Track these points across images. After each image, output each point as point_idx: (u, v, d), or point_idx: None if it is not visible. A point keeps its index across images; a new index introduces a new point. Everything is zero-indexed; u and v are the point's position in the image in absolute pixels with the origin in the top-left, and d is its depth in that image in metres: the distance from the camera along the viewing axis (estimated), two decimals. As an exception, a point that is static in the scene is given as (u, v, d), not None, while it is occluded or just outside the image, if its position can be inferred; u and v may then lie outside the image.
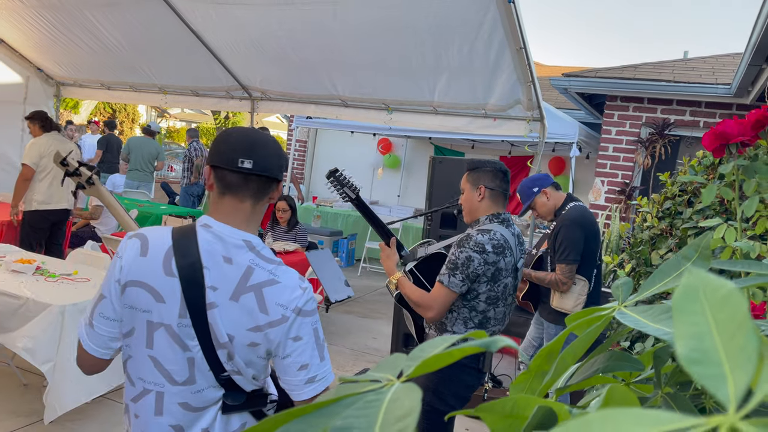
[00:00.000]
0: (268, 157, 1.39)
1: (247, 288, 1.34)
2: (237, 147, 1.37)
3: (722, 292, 0.25)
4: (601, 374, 0.72)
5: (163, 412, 1.39)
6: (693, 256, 0.71)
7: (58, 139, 5.25)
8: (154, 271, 1.35)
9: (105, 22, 5.42)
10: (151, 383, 1.39)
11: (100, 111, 19.17)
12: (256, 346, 1.36)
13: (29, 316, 3.24)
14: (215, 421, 1.40)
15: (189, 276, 1.33)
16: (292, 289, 1.38)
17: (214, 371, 1.37)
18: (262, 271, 1.37)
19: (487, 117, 4.99)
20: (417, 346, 1.77)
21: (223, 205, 1.40)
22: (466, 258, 2.27)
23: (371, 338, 5.46)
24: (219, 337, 1.34)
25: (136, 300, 1.36)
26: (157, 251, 1.37)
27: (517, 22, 3.87)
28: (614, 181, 6.40)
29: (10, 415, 3.34)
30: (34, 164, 5.06)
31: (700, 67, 6.47)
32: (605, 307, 0.73)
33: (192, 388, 1.38)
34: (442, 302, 2.31)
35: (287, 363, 1.38)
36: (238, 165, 1.36)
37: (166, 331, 1.35)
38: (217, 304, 1.33)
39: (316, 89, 5.58)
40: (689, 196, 2.35)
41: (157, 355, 1.37)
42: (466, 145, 9.25)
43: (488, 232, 2.32)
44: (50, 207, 5.20)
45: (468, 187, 2.45)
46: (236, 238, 1.38)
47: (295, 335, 1.37)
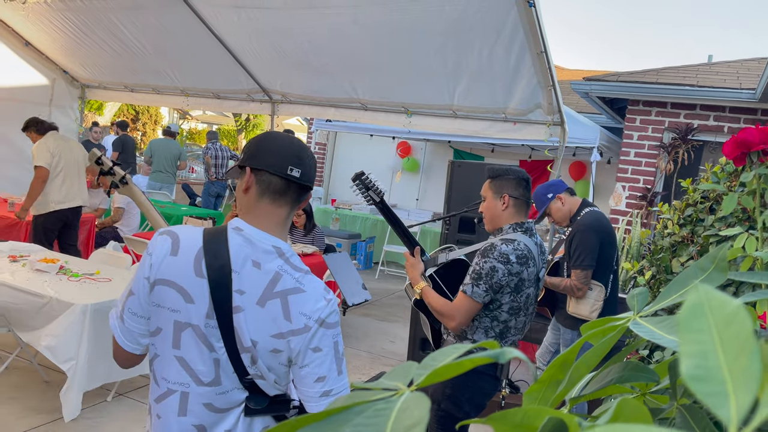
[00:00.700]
0: (312, 167, 1.42)
1: (273, 294, 1.34)
2: (287, 154, 1.38)
3: (728, 310, 0.25)
4: (616, 384, 0.72)
5: (187, 412, 1.39)
6: (709, 267, 0.70)
7: (60, 137, 5.26)
8: (185, 272, 1.35)
9: (129, 25, 5.51)
10: (175, 383, 1.39)
11: (123, 112, 19.45)
12: (278, 353, 1.36)
13: (53, 314, 3.30)
14: (238, 423, 1.40)
15: (218, 278, 1.33)
16: (317, 299, 1.37)
17: (238, 373, 1.37)
18: (290, 278, 1.36)
19: (507, 121, 4.97)
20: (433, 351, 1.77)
21: (260, 209, 1.39)
22: (490, 268, 2.25)
23: (389, 341, 5.46)
24: (243, 341, 1.34)
25: (164, 299, 1.36)
26: (188, 251, 1.37)
27: (537, 25, 3.85)
28: (635, 186, 6.33)
29: (32, 412, 3.40)
30: (48, 164, 5.07)
31: (724, 71, 6.38)
32: (620, 317, 0.73)
33: (217, 389, 1.38)
34: (465, 312, 2.30)
35: (305, 373, 1.38)
36: (287, 172, 1.37)
37: (193, 332, 1.35)
38: (243, 308, 1.33)
39: (336, 92, 5.61)
40: (711, 203, 2.32)
41: (184, 356, 1.37)
42: (486, 149, 9.22)
43: (512, 242, 2.30)
44: (66, 205, 5.22)
45: (490, 195, 2.41)
46: (267, 243, 1.38)
47: (316, 346, 1.36)
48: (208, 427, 1.40)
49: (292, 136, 1.48)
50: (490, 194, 2.41)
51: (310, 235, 5.70)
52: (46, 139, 5.17)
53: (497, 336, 2.35)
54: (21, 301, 3.40)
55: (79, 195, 5.35)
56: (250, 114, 20.69)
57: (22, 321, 3.44)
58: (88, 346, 3.25)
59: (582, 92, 6.41)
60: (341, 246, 7.72)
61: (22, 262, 3.93)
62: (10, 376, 3.75)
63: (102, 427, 3.35)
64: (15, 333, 3.53)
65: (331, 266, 3.09)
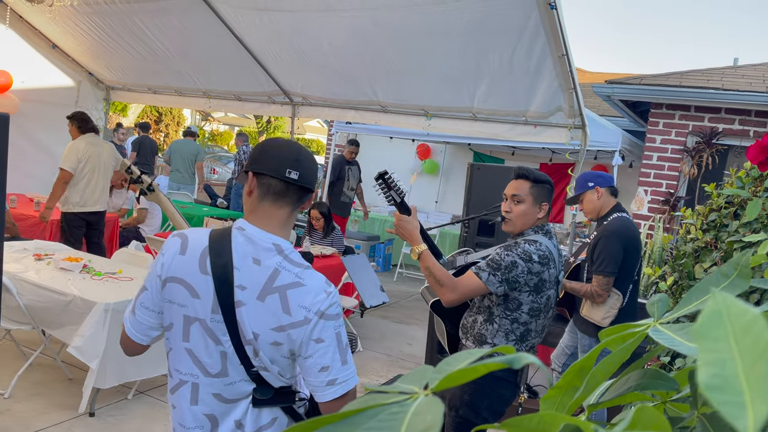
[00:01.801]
0: (311, 170, 1.49)
1: (272, 289, 1.41)
2: (285, 158, 1.46)
3: (747, 318, 0.24)
4: (635, 392, 0.71)
5: (198, 401, 1.48)
6: (732, 274, 0.69)
7: (93, 142, 5.36)
8: (191, 269, 1.45)
9: (153, 28, 5.59)
10: (186, 374, 1.48)
11: (146, 114, 19.72)
12: (279, 346, 1.42)
13: (77, 312, 3.36)
14: (247, 413, 1.47)
15: (221, 275, 1.42)
16: (316, 292, 1.43)
17: (244, 365, 1.44)
18: (288, 273, 1.43)
19: (527, 124, 4.94)
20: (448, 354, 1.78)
21: (262, 210, 1.47)
22: (511, 262, 2.24)
23: (406, 344, 5.45)
24: (245, 334, 1.41)
25: (174, 295, 1.46)
26: (194, 251, 1.46)
27: (559, 28, 3.82)
28: (658, 190, 6.25)
29: (56, 408, 3.46)
30: (73, 169, 5.18)
31: (750, 74, 6.26)
32: (640, 323, 0.72)
33: (225, 380, 1.46)
34: (469, 291, 2.27)
35: (309, 364, 1.43)
36: (286, 175, 1.45)
37: (200, 326, 1.44)
38: (244, 302, 1.41)
39: (356, 95, 5.62)
40: (736, 209, 2.28)
41: (192, 348, 1.46)
42: (506, 152, 9.17)
43: (535, 243, 2.29)
44: (85, 209, 5.32)
45: (530, 200, 2.35)
46: (267, 241, 1.45)
47: (317, 337, 1.42)
48: (218, 417, 1.48)
49: (293, 141, 1.54)
50: (531, 199, 2.35)
51: (329, 237, 5.73)
52: (79, 142, 5.27)
53: (518, 339, 2.33)
54: (45, 299, 3.46)
55: (99, 201, 5.42)
56: (271, 116, 20.83)
57: (47, 318, 3.51)
58: (108, 344, 3.29)
59: (604, 95, 6.34)
60: (360, 248, 7.74)
61: (47, 261, 4.01)
62: (34, 372, 3.82)
63: (122, 425, 3.39)
64: (39, 330, 3.60)
65: (349, 268, 3.10)
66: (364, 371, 4.67)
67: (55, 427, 3.27)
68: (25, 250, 4.21)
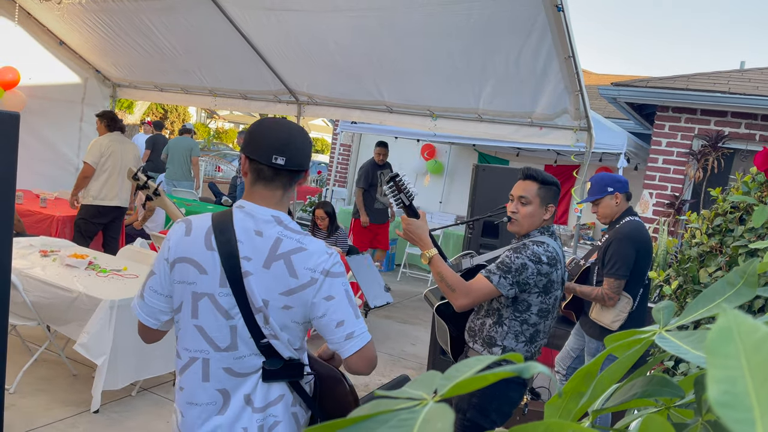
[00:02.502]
0: (300, 152, 1.53)
1: (276, 256, 1.48)
2: (271, 144, 1.51)
3: (757, 336, 0.25)
4: (640, 398, 0.71)
5: (210, 377, 1.52)
6: (738, 282, 0.70)
7: (118, 140, 5.52)
8: (197, 247, 1.51)
9: (160, 26, 5.61)
10: (197, 351, 1.52)
11: (152, 111, 19.76)
12: (290, 309, 1.48)
13: (83, 308, 3.38)
14: (256, 388, 1.52)
15: (226, 249, 1.48)
16: (319, 254, 1.51)
17: (254, 338, 1.49)
18: (290, 240, 1.50)
19: (533, 125, 4.94)
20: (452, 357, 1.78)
21: (256, 192, 1.55)
22: (521, 264, 2.24)
23: (410, 344, 5.46)
24: (255, 302, 1.47)
25: (183, 275, 1.52)
26: (199, 231, 1.53)
27: (566, 30, 3.82)
28: (663, 194, 6.23)
29: (60, 405, 3.47)
30: (95, 163, 5.35)
31: (757, 78, 6.24)
32: (646, 330, 0.72)
33: (234, 354, 1.50)
34: (482, 296, 2.26)
35: (325, 322, 1.50)
36: (272, 161, 1.50)
37: (209, 300, 1.49)
38: (251, 272, 1.47)
39: (362, 95, 5.63)
40: (741, 213, 2.27)
41: (202, 324, 1.51)
42: (511, 153, 9.16)
43: (543, 244, 2.29)
44: (103, 203, 5.45)
45: (537, 201, 2.35)
46: (266, 214, 1.52)
47: (327, 295, 1.49)
48: (230, 391, 1.51)
49: (283, 122, 1.56)
50: (538, 201, 2.35)
51: (332, 237, 5.74)
52: (104, 139, 5.45)
53: (527, 341, 2.33)
54: (51, 296, 3.47)
55: (118, 197, 5.57)
56: (276, 114, 20.87)
57: (53, 315, 3.52)
58: (115, 341, 3.31)
59: (610, 98, 6.33)
60: (364, 247, 7.74)
61: (53, 257, 4.02)
62: (38, 368, 3.84)
63: (127, 422, 3.41)
64: (44, 326, 3.61)
65: (354, 268, 3.11)
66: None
67: (59, 422, 3.29)
68: (31, 247, 4.23)
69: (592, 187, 3.29)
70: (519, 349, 2.32)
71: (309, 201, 9.94)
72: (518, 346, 2.32)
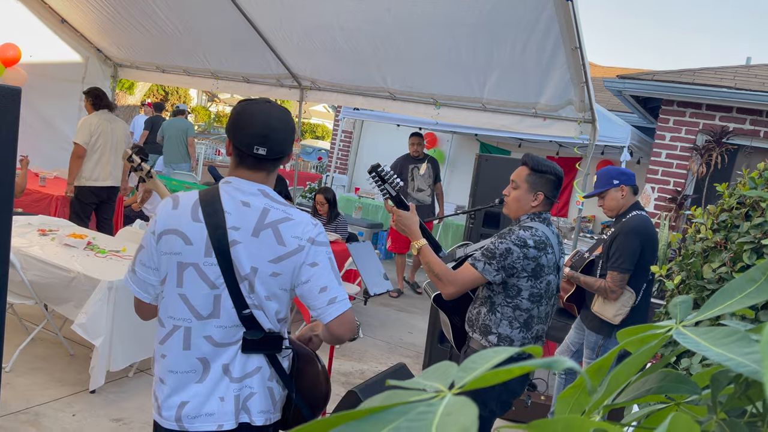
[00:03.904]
0: (281, 142, 1.57)
1: (264, 225, 1.54)
2: (253, 133, 1.55)
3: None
4: (654, 394, 0.69)
5: (191, 346, 1.56)
6: (760, 278, 0.68)
7: (107, 118, 5.41)
8: (184, 219, 1.56)
9: (163, 6, 5.54)
10: (180, 319, 1.57)
11: (153, 93, 19.65)
12: (278, 276, 1.54)
13: (80, 288, 3.36)
14: (235, 358, 1.57)
15: (213, 220, 1.53)
16: (305, 224, 1.59)
17: (237, 308, 1.54)
18: (277, 211, 1.57)
19: (537, 116, 4.90)
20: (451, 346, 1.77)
21: (240, 173, 1.61)
22: (505, 249, 2.25)
23: (407, 332, 5.46)
24: (241, 270, 1.52)
25: (169, 246, 1.56)
26: (186, 204, 1.59)
27: (573, 21, 3.78)
28: (665, 188, 6.21)
29: (57, 384, 3.47)
30: (85, 143, 5.25)
31: (763, 74, 6.20)
32: (661, 324, 0.70)
33: (216, 322, 1.55)
34: (468, 283, 2.30)
35: (308, 287, 1.56)
36: (254, 152, 1.55)
37: (194, 270, 1.54)
38: (239, 241, 1.53)
39: (365, 81, 5.58)
40: (747, 210, 2.25)
41: (186, 293, 1.56)
42: (513, 144, 9.13)
43: (530, 229, 2.30)
44: (96, 184, 5.38)
45: (525, 187, 2.37)
46: (252, 187, 1.59)
47: (312, 261, 1.56)
48: (210, 360, 1.56)
49: (266, 108, 1.57)
50: (526, 186, 2.37)
51: (333, 223, 5.71)
52: (93, 117, 5.34)
53: (522, 326, 2.32)
54: (49, 275, 3.46)
55: (111, 176, 5.49)
56: (278, 99, 20.77)
57: (50, 294, 3.51)
58: (114, 322, 3.30)
59: (615, 90, 6.29)
60: (363, 234, 7.73)
61: (51, 237, 4.00)
62: (35, 347, 3.83)
63: (123, 402, 3.40)
64: (42, 305, 3.60)
65: (355, 255, 3.09)
66: (364, 357, 4.68)
67: (55, 402, 3.29)
68: (29, 225, 4.20)
69: (599, 179, 3.27)
70: (515, 335, 2.31)
71: (309, 187, 9.91)
72: (513, 332, 2.31)
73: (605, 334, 3.15)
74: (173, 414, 1.57)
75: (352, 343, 4.85)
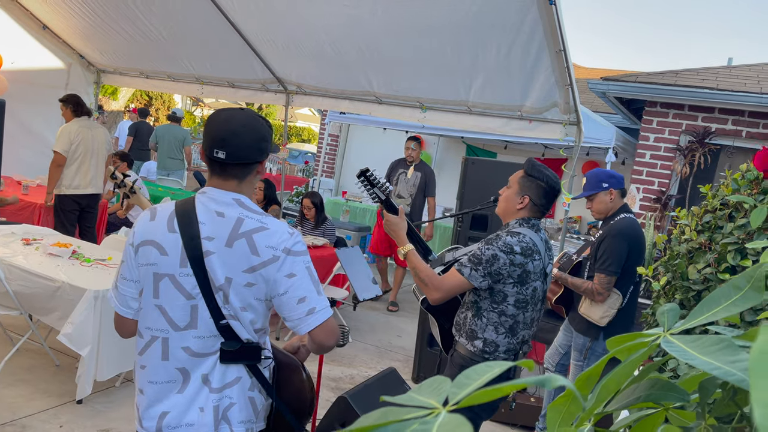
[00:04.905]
0: (242, 146, 1.56)
1: (239, 235, 1.53)
2: (214, 137, 1.56)
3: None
4: (644, 401, 0.70)
5: (170, 356, 1.56)
6: (745, 286, 0.69)
7: (87, 125, 5.35)
8: (160, 230, 1.57)
9: (146, 12, 5.51)
10: (157, 330, 1.57)
11: (137, 98, 19.52)
12: (252, 286, 1.53)
13: (66, 298, 3.32)
14: (214, 368, 1.56)
15: (187, 231, 1.54)
16: (281, 233, 1.56)
17: (214, 318, 1.53)
18: (252, 220, 1.56)
19: (522, 119, 4.93)
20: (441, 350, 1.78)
21: (213, 179, 1.62)
22: (491, 255, 2.26)
23: (396, 336, 5.46)
24: (216, 280, 1.52)
25: (146, 257, 1.57)
26: (162, 215, 1.60)
27: (557, 24, 3.81)
28: (650, 188, 6.28)
29: (43, 395, 3.43)
30: (65, 151, 5.17)
31: (744, 75, 6.29)
32: (650, 333, 0.71)
33: (193, 333, 1.55)
34: (453, 289, 2.31)
35: (286, 299, 1.54)
36: (213, 155, 1.56)
37: (170, 281, 1.54)
38: (213, 251, 1.52)
39: (351, 85, 5.58)
40: (731, 211, 2.29)
41: (162, 303, 1.56)
42: (499, 145, 9.17)
43: (518, 235, 2.31)
44: (78, 192, 5.31)
45: (516, 188, 2.40)
46: (227, 197, 1.58)
47: (289, 272, 1.54)
48: (189, 370, 1.56)
49: (233, 114, 1.58)
50: (516, 187, 2.40)
51: (320, 228, 5.70)
52: (72, 125, 5.26)
53: (507, 332, 2.33)
54: (33, 285, 3.42)
55: (92, 184, 5.41)
56: (264, 103, 20.67)
57: (35, 304, 3.47)
58: (101, 331, 3.27)
59: (599, 92, 6.35)
60: (350, 238, 7.72)
61: (35, 246, 3.96)
62: (21, 358, 3.78)
63: (110, 412, 3.37)
64: (26, 316, 3.56)
65: (343, 260, 3.09)
66: (354, 362, 4.67)
67: (41, 413, 3.25)
68: (13, 235, 4.15)
69: (588, 182, 3.29)
70: (500, 341, 2.33)
71: (296, 191, 9.88)
72: (499, 338, 2.33)
73: (592, 336, 3.18)
74: (154, 424, 1.58)
75: (341, 348, 4.84)
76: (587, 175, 3.35)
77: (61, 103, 5.37)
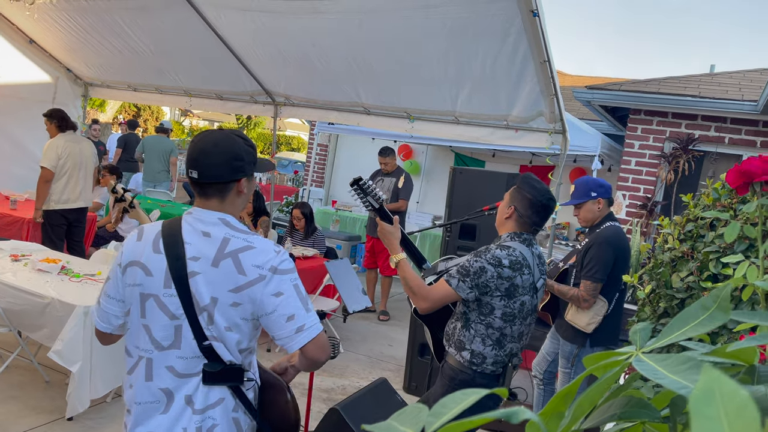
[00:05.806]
0: (213, 165, 1.58)
1: (224, 255, 1.54)
2: (188, 156, 1.62)
3: (738, 402, 0.26)
4: (618, 419, 0.73)
5: (153, 377, 1.57)
6: (712, 306, 0.72)
7: (73, 139, 5.32)
8: (146, 251, 1.59)
9: (133, 26, 5.52)
10: (143, 350, 1.58)
11: (125, 109, 19.45)
12: (239, 306, 1.53)
13: (55, 314, 3.32)
14: (197, 389, 1.56)
15: (173, 251, 1.55)
16: (267, 252, 1.57)
17: (197, 339, 1.54)
18: (238, 239, 1.57)
19: (509, 128, 4.99)
20: (433, 359, 1.81)
21: (197, 201, 1.65)
22: (479, 268, 2.28)
23: (387, 345, 5.47)
24: (201, 301, 1.52)
25: (133, 277, 1.59)
26: (149, 236, 1.61)
27: (541, 34, 3.86)
28: (636, 195, 6.35)
29: (32, 412, 3.41)
30: (53, 166, 5.13)
31: (726, 82, 6.39)
32: (623, 351, 0.74)
33: (177, 353, 1.55)
34: (441, 299, 2.33)
35: (275, 318, 1.54)
36: (189, 175, 1.61)
37: (155, 301, 1.56)
38: (198, 271, 1.53)
39: (339, 96, 5.62)
40: (712, 220, 2.33)
41: (148, 323, 1.57)
42: (487, 154, 9.23)
43: (508, 248, 2.33)
44: (67, 206, 5.28)
45: (506, 200, 2.46)
46: (213, 217, 1.60)
47: (276, 291, 1.54)
48: (173, 391, 1.56)
49: (208, 135, 1.62)
50: (507, 199, 2.46)
51: (310, 238, 5.72)
52: (59, 140, 5.22)
53: (494, 344, 2.35)
54: (23, 302, 3.41)
55: (81, 197, 5.40)
56: (253, 115, 20.70)
57: (25, 321, 3.46)
58: (92, 347, 3.26)
59: (584, 100, 6.42)
60: (341, 248, 7.73)
61: (24, 262, 3.95)
62: (10, 375, 3.76)
63: (102, 428, 3.36)
64: (15, 332, 3.54)
65: (333, 273, 3.11)
66: (345, 373, 4.68)
67: (32, 430, 3.23)
68: (1, 251, 4.14)
69: (576, 190, 3.33)
70: (487, 353, 2.34)
71: (286, 201, 9.89)
72: (486, 350, 2.34)
73: (579, 343, 3.21)
74: None
75: (332, 359, 4.85)
76: (576, 182, 3.38)
77: (46, 118, 5.33)
